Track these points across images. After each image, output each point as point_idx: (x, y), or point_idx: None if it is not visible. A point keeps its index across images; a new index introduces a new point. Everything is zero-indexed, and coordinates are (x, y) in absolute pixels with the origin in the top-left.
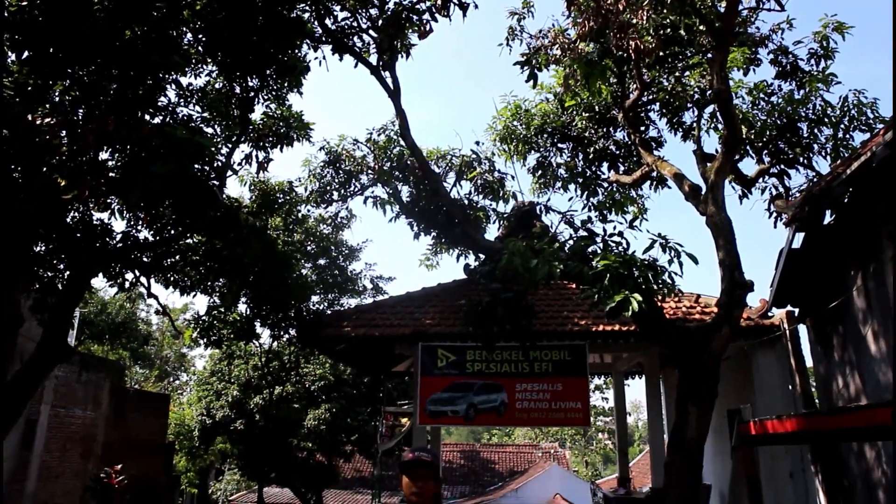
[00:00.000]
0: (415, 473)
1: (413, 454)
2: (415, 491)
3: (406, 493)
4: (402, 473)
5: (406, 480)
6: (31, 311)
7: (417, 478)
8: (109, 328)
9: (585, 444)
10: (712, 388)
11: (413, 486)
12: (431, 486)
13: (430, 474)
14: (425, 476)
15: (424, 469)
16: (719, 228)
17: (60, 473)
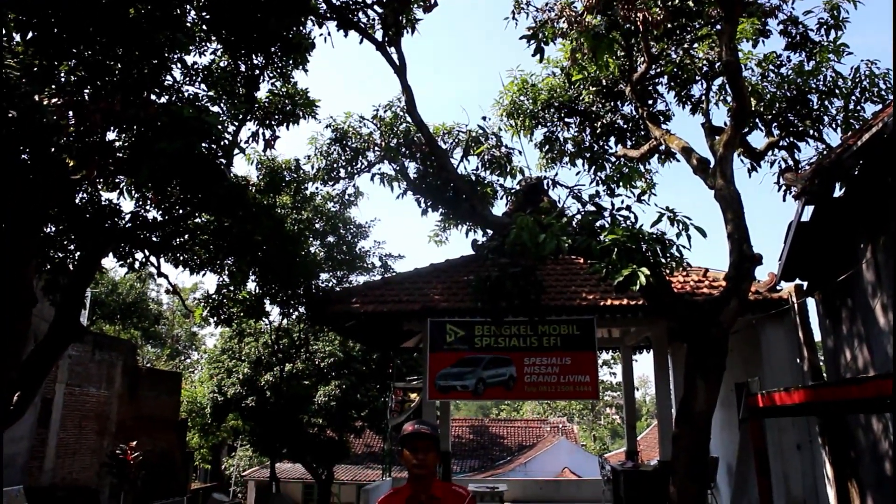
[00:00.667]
0: (415, 445)
1: (413, 427)
2: (416, 463)
3: (408, 466)
4: (403, 447)
5: (407, 453)
6: (43, 291)
7: (419, 450)
8: (120, 308)
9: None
10: (720, 361)
11: (414, 458)
12: (433, 457)
13: (431, 446)
14: (426, 448)
15: (425, 441)
16: (728, 202)
17: (77, 450)
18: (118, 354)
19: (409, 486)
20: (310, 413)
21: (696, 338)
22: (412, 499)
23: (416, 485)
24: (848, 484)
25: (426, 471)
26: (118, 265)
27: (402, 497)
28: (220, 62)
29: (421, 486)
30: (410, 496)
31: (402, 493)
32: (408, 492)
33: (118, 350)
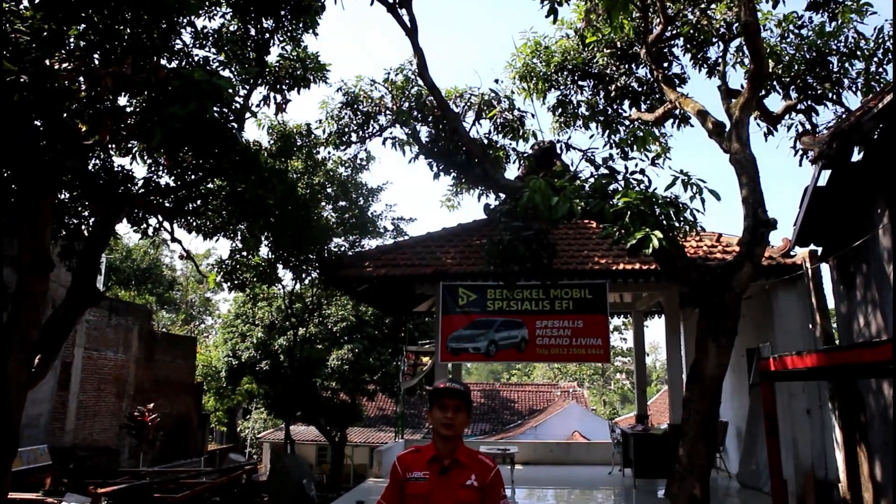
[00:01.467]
0: (445, 403)
1: (444, 383)
2: (445, 422)
3: (435, 425)
4: (433, 403)
5: (436, 411)
6: (59, 257)
7: (448, 408)
8: (135, 274)
9: (603, 384)
10: (732, 325)
11: (444, 417)
12: (462, 419)
13: (462, 406)
14: (457, 407)
15: (455, 398)
16: (743, 166)
17: (97, 412)
18: (134, 319)
19: (432, 447)
20: (323, 376)
21: (708, 302)
22: (435, 461)
23: (441, 446)
24: (857, 448)
25: (453, 432)
26: (132, 231)
27: (423, 457)
28: (230, 26)
29: (446, 448)
30: (434, 457)
31: (425, 452)
32: (431, 452)
33: (134, 315)
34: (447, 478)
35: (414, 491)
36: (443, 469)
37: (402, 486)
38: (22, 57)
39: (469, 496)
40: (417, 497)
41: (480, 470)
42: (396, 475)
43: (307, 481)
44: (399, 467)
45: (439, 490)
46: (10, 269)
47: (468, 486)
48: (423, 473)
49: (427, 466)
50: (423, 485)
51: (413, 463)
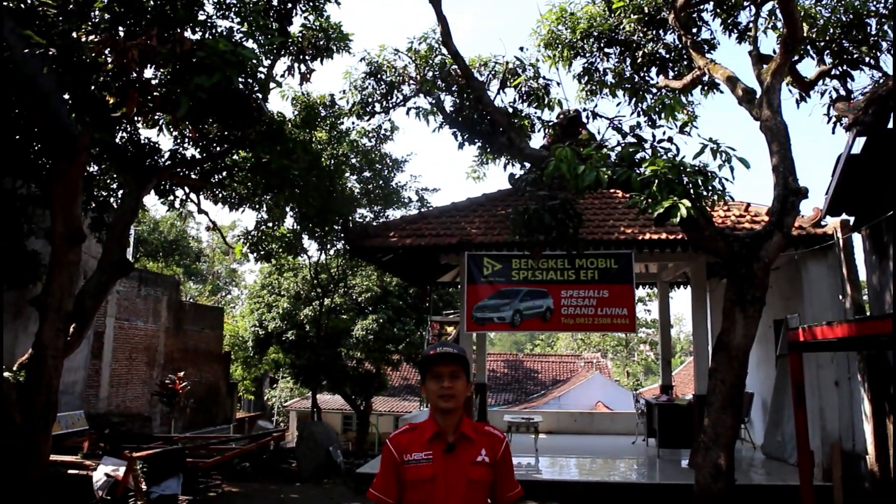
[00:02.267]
0: (439, 371)
1: (437, 348)
2: (443, 394)
3: (432, 399)
4: (425, 373)
5: (431, 382)
6: (89, 229)
7: (443, 377)
8: (162, 246)
9: (627, 356)
10: (760, 295)
11: (440, 388)
12: (462, 386)
13: (459, 371)
14: (453, 374)
15: (451, 364)
16: (774, 133)
17: (129, 380)
18: (163, 290)
19: (431, 423)
20: (348, 346)
21: (736, 272)
22: (438, 438)
23: (443, 421)
24: (886, 420)
25: (454, 402)
26: (159, 202)
27: (422, 435)
28: None
29: (448, 422)
30: (435, 434)
31: (423, 430)
32: (431, 429)
33: (163, 286)
34: (454, 456)
35: (416, 475)
36: (449, 446)
37: (400, 470)
38: (49, 30)
39: (481, 474)
40: (421, 482)
41: (490, 443)
42: (391, 458)
43: (334, 448)
44: (394, 449)
45: (447, 471)
46: (44, 240)
47: (479, 462)
48: (426, 454)
49: (428, 446)
50: (427, 467)
51: (411, 443)
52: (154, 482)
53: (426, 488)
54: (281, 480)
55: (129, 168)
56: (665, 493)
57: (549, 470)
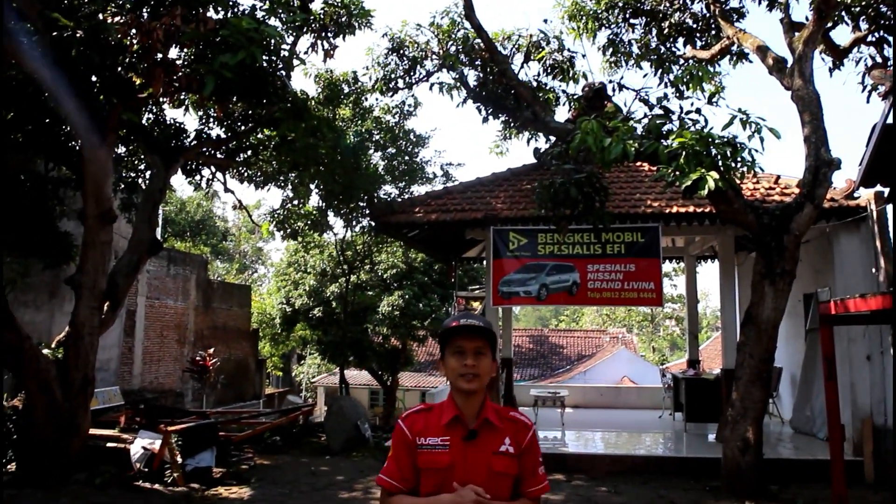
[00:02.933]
0: (461, 346)
1: (460, 319)
2: (465, 372)
3: (452, 378)
4: (446, 347)
5: (452, 358)
6: (119, 210)
7: (466, 353)
8: (189, 226)
9: (652, 331)
10: (791, 268)
11: (462, 366)
12: (487, 365)
13: (485, 347)
14: (477, 350)
15: (475, 339)
16: (806, 103)
17: (161, 357)
18: (191, 269)
19: (450, 405)
20: (374, 322)
21: (766, 245)
22: (457, 423)
23: (463, 404)
24: None
25: (477, 384)
26: (186, 182)
27: (439, 418)
28: None
29: (469, 406)
30: (454, 419)
31: (440, 412)
32: (450, 413)
33: (191, 265)
34: (475, 444)
35: (430, 463)
36: (470, 433)
37: (413, 453)
38: (76, 12)
39: (504, 465)
40: (435, 471)
41: (515, 431)
42: (405, 439)
43: (362, 422)
44: (407, 429)
45: (465, 461)
46: (76, 221)
47: (503, 452)
48: (443, 440)
49: (445, 431)
50: (443, 455)
51: (427, 426)
52: (189, 455)
53: (440, 478)
54: (311, 453)
55: (156, 149)
56: (692, 467)
57: (576, 443)
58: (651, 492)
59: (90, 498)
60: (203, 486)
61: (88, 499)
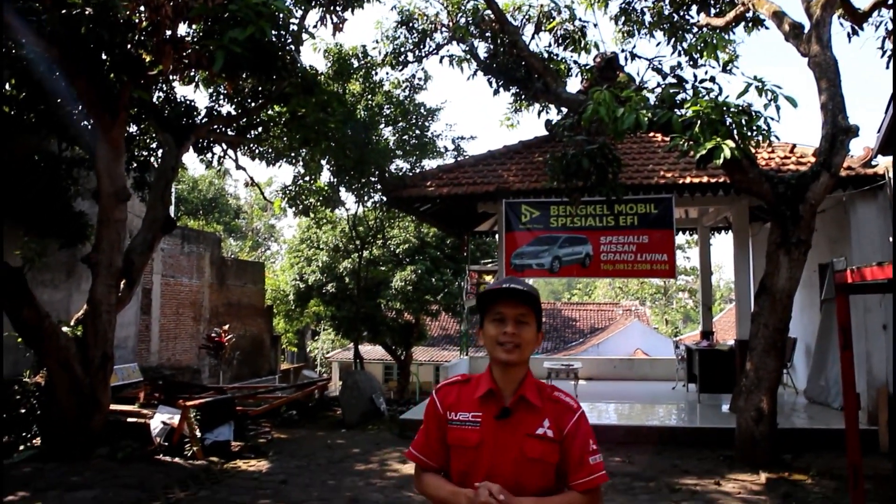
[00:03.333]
0: (504, 313)
1: (502, 283)
2: (505, 341)
3: (490, 347)
4: (485, 314)
5: (491, 326)
6: (132, 188)
7: (506, 320)
8: (202, 204)
9: (665, 303)
10: (806, 238)
11: (501, 334)
12: (530, 335)
13: (529, 314)
14: (522, 317)
15: (521, 305)
16: (823, 69)
17: (177, 335)
18: (205, 247)
19: (487, 378)
20: (387, 297)
21: (781, 214)
22: (490, 398)
23: (501, 378)
24: None
25: (518, 355)
26: (198, 160)
27: (473, 391)
28: None
29: (507, 380)
30: (488, 392)
31: (476, 385)
32: (485, 385)
33: (205, 243)
34: (508, 424)
35: (459, 440)
36: (503, 411)
37: (443, 428)
38: None
39: (540, 450)
40: (463, 449)
41: (557, 414)
42: (435, 412)
43: (377, 395)
44: (439, 402)
45: (496, 442)
46: (90, 201)
47: (539, 435)
48: (474, 416)
49: (479, 405)
50: (473, 432)
51: (460, 399)
52: (207, 429)
53: (468, 457)
54: (327, 427)
55: (167, 127)
56: (706, 437)
57: (590, 415)
58: (665, 461)
59: (113, 471)
60: (222, 460)
61: (111, 472)
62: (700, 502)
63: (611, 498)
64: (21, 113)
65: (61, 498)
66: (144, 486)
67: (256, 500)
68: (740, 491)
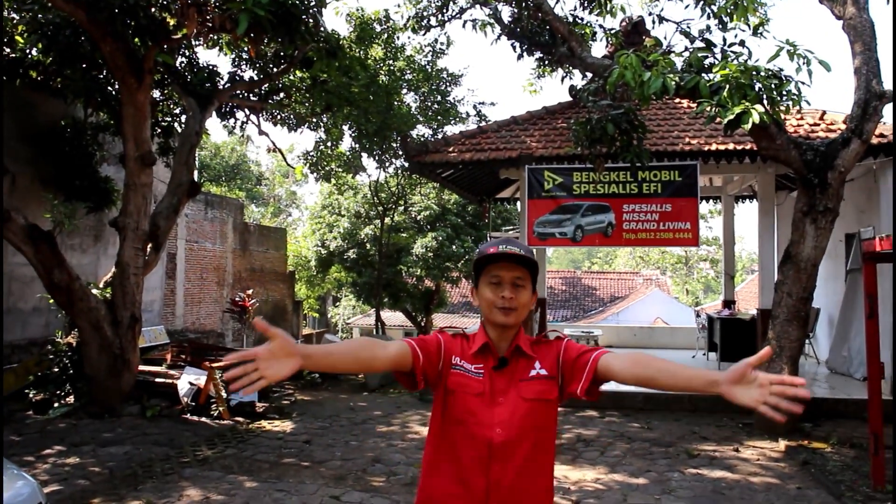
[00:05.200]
0: (502, 276)
1: (498, 246)
2: (502, 304)
3: (486, 310)
4: (480, 276)
5: (487, 289)
6: (157, 153)
7: (503, 283)
8: (224, 171)
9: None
10: (834, 206)
11: (498, 297)
12: (527, 298)
13: (526, 277)
14: (516, 280)
15: (518, 268)
16: (858, 32)
17: (201, 299)
18: (228, 212)
19: (482, 335)
20: (408, 264)
21: (809, 181)
22: (486, 351)
23: (496, 337)
24: None
25: (514, 318)
26: (221, 125)
27: (469, 345)
28: None
29: (501, 338)
30: (484, 347)
31: (471, 340)
32: (481, 340)
33: (227, 208)
34: (504, 374)
35: (460, 385)
36: (500, 361)
37: (445, 363)
38: None
39: (536, 389)
40: (464, 394)
41: (545, 353)
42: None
43: None
44: (444, 343)
45: (493, 390)
46: (116, 166)
47: (533, 377)
48: (476, 367)
49: (475, 359)
50: (477, 382)
51: (462, 350)
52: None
53: (469, 405)
54: (349, 390)
55: (191, 92)
56: (725, 405)
57: (608, 383)
58: (684, 428)
59: (143, 429)
60: (247, 420)
61: (141, 429)
62: (718, 468)
63: (629, 462)
64: (48, 78)
65: (95, 452)
66: (173, 443)
67: (281, 458)
68: (759, 458)
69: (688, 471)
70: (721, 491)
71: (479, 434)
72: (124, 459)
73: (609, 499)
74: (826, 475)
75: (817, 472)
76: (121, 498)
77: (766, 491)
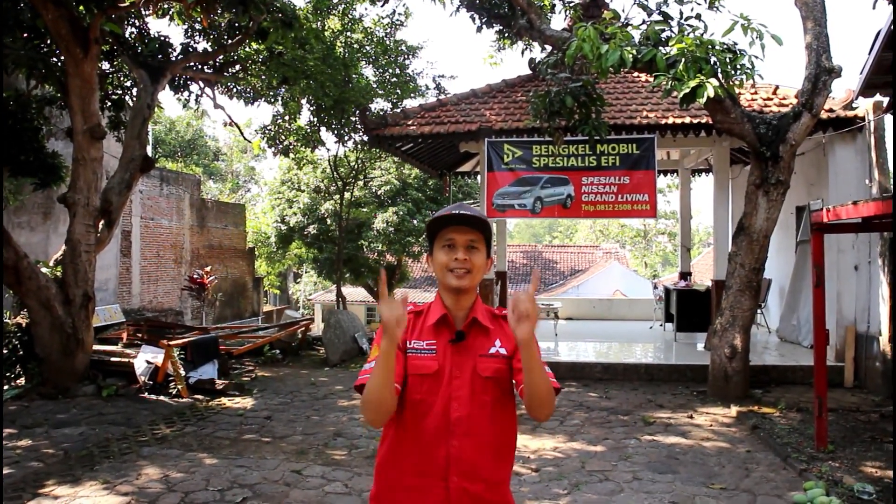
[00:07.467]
0: (451, 239)
1: (451, 210)
2: (456, 267)
3: (440, 274)
4: (434, 240)
5: (441, 253)
6: (108, 128)
7: (457, 246)
8: (180, 146)
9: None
10: (786, 179)
11: (451, 260)
12: (482, 260)
13: (480, 240)
14: (473, 243)
15: (471, 230)
16: (810, 8)
17: (158, 277)
18: (184, 188)
19: (438, 305)
20: (369, 239)
21: (761, 154)
22: (443, 323)
23: (452, 304)
24: None
25: (469, 280)
26: (174, 98)
27: (426, 319)
28: None
29: (459, 305)
30: (441, 318)
31: (428, 314)
32: (438, 312)
33: (184, 184)
34: (462, 347)
35: (417, 368)
36: (458, 335)
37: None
38: None
39: (493, 367)
40: (421, 377)
41: (506, 331)
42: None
43: (360, 334)
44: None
45: (451, 366)
46: (64, 141)
47: (492, 354)
48: (429, 343)
49: (433, 333)
50: (431, 360)
51: (414, 328)
52: (191, 368)
53: (426, 385)
54: (310, 366)
55: (142, 63)
56: (681, 373)
57: (569, 353)
58: (641, 397)
59: (98, 409)
60: (207, 398)
61: (97, 410)
62: (673, 434)
63: (587, 431)
64: None
65: (48, 434)
66: (130, 423)
67: (242, 434)
68: (711, 423)
69: (644, 438)
70: (675, 456)
71: (437, 410)
72: (80, 440)
73: (568, 466)
74: (774, 438)
75: (766, 436)
76: (76, 479)
77: (717, 455)
